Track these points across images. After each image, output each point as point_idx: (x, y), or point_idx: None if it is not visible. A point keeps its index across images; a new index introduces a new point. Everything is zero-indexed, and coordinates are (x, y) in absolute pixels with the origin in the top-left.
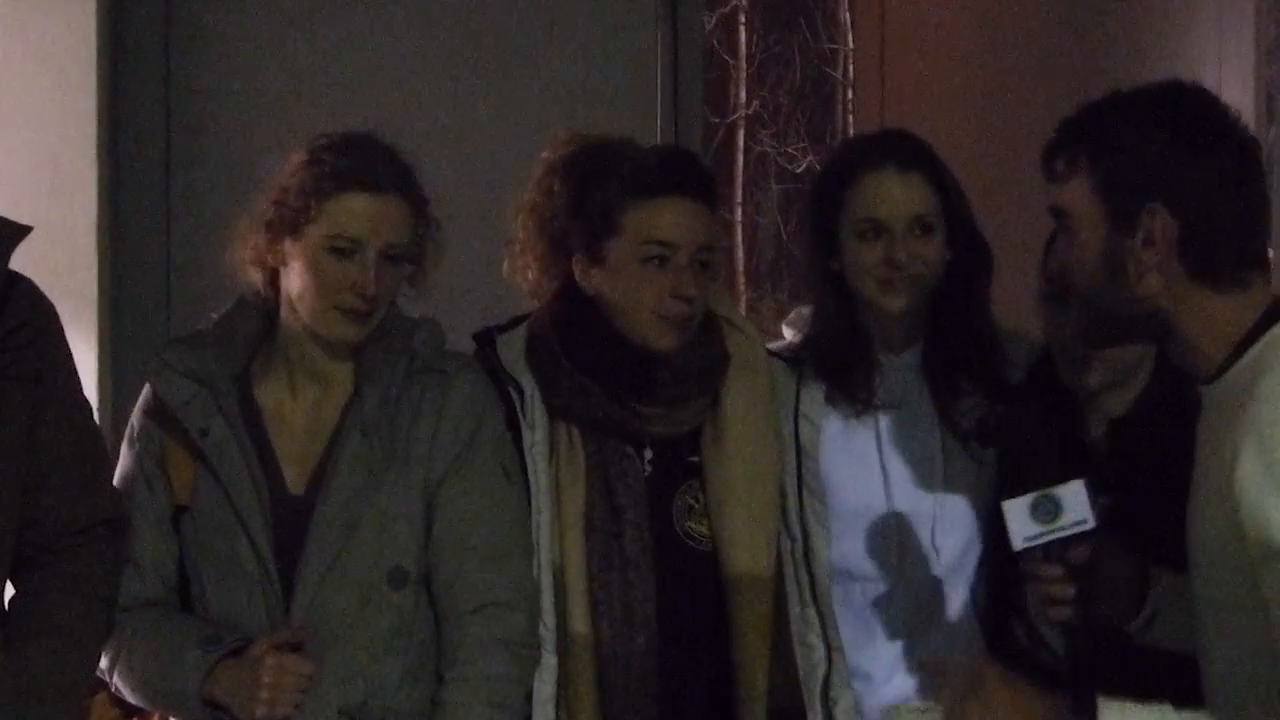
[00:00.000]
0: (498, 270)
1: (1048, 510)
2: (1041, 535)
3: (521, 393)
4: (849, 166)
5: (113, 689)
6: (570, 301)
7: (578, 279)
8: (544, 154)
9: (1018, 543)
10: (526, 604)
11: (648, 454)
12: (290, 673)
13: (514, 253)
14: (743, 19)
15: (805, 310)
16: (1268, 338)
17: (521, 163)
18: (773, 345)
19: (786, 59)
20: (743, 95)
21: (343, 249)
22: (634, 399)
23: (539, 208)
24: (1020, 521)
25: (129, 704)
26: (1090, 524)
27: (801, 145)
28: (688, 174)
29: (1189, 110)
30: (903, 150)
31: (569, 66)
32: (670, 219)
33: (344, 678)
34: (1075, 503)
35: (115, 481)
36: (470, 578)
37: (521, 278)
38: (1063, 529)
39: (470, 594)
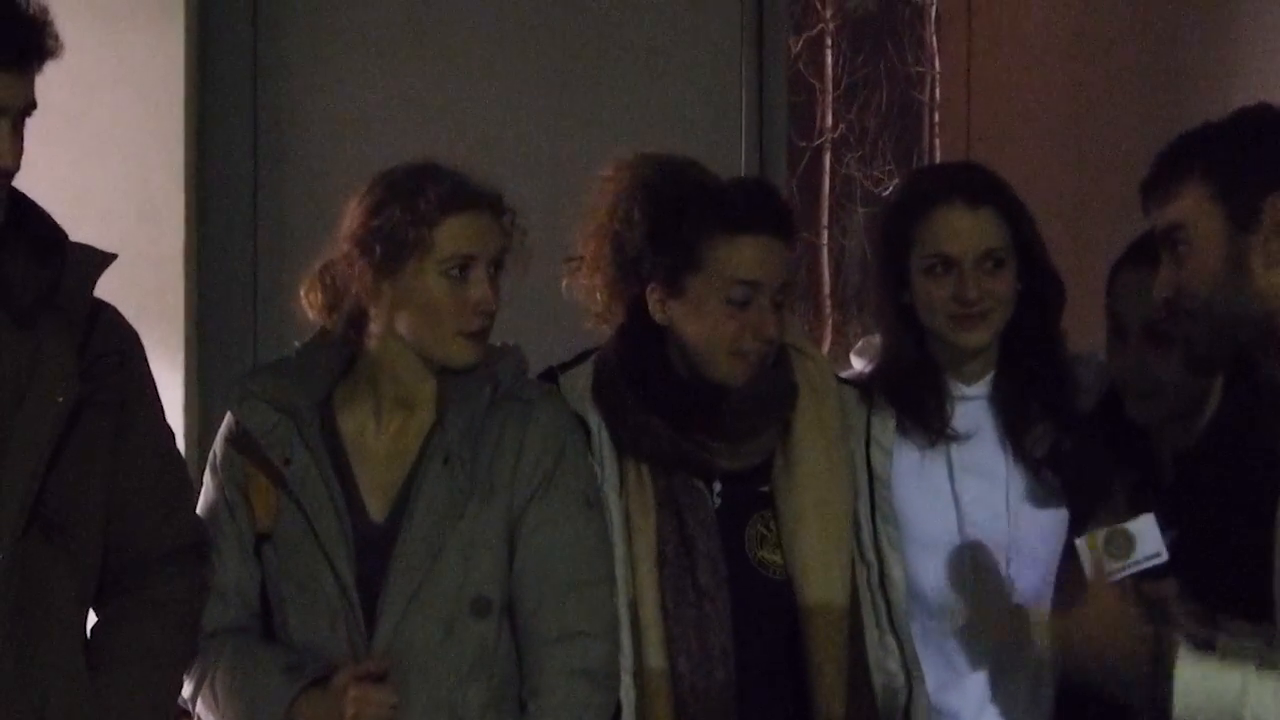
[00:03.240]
0: (578, 300)
1: (1120, 545)
2: (1115, 571)
3: (588, 429)
4: (918, 200)
5: (195, 717)
6: (638, 332)
7: (650, 308)
8: (610, 172)
9: (1090, 579)
10: (608, 633)
11: (716, 486)
12: (374, 703)
13: (576, 269)
14: (829, 42)
15: (875, 339)
16: None
17: None
18: (843, 374)
19: (873, 82)
20: (829, 118)
21: (459, 269)
22: (702, 434)
23: (615, 233)
24: (1093, 558)
25: None
26: (1164, 557)
27: (888, 168)
28: (772, 211)
29: None
30: (972, 184)
31: (654, 91)
32: (755, 257)
33: (427, 707)
34: (1148, 536)
35: (199, 509)
36: (552, 607)
37: (589, 299)
38: (1137, 563)
39: (552, 623)
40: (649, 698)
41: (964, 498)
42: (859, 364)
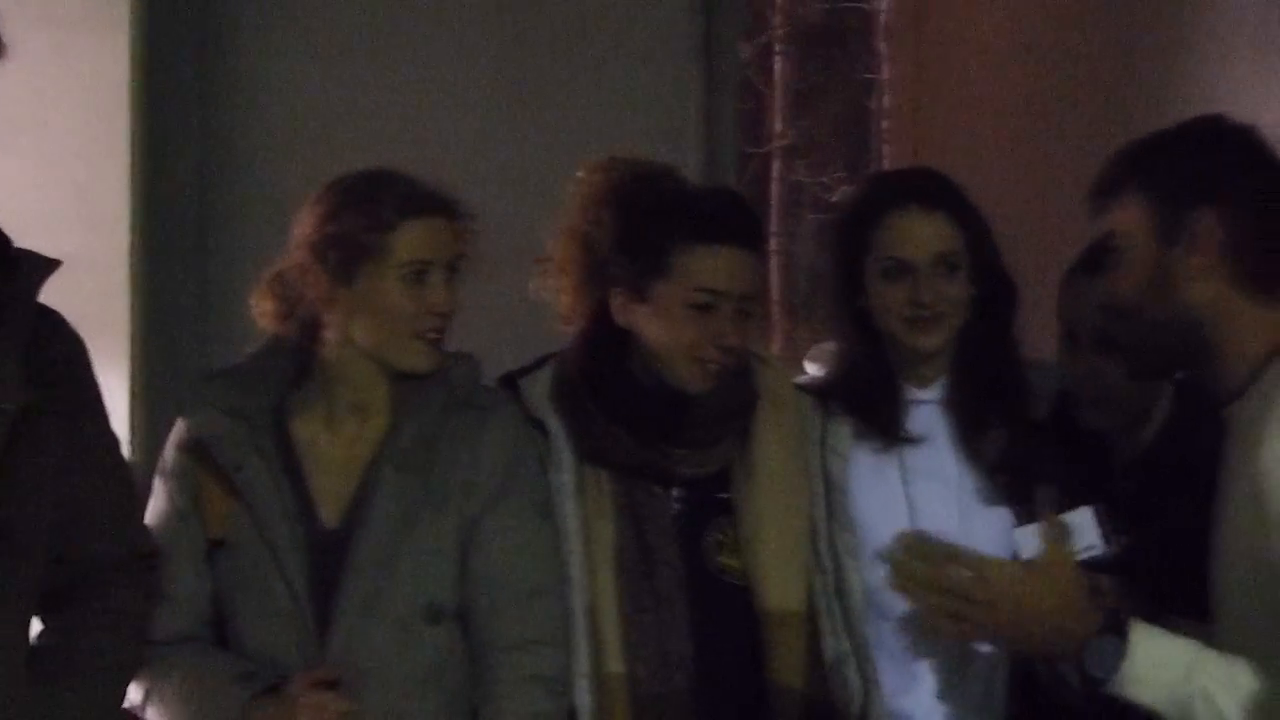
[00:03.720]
0: (534, 306)
1: (1058, 536)
2: None
3: (546, 434)
4: (874, 205)
5: None
6: (600, 336)
7: (614, 311)
8: (583, 174)
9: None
10: (560, 641)
11: (676, 493)
12: (327, 710)
13: (546, 271)
14: (779, 49)
15: (828, 346)
16: None
17: (558, 193)
18: (797, 380)
19: (822, 90)
20: (778, 126)
21: (416, 273)
22: (662, 442)
23: (584, 235)
24: (1031, 548)
25: None
26: (1099, 549)
27: (837, 176)
28: (742, 222)
29: (1231, 132)
30: (927, 188)
31: (604, 97)
32: (722, 266)
33: (380, 715)
34: (1084, 528)
35: (149, 516)
36: (506, 615)
37: (556, 300)
38: (1074, 554)
39: (506, 631)
40: (607, 703)
41: (917, 501)
42: (813, 370)
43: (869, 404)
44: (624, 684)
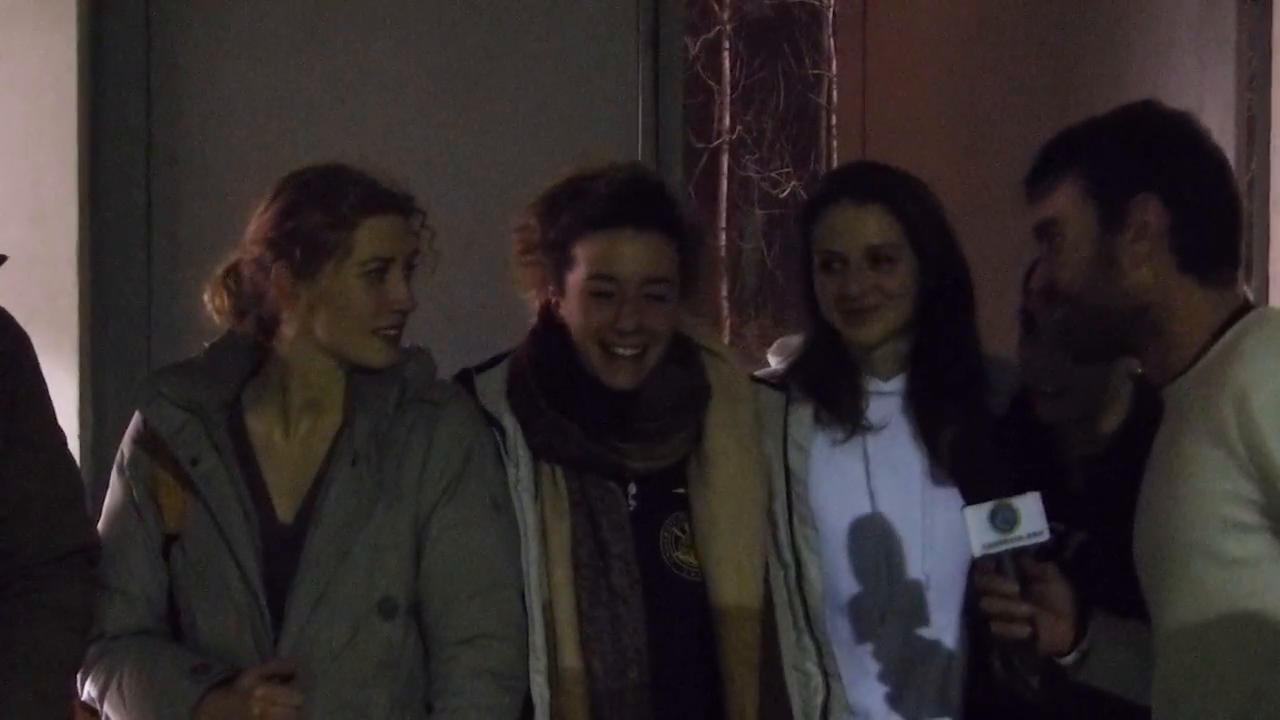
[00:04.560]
0: (483, 295)
1: (1006, 519)
2: (999, 544)
3: (503, 431)
4: (814, 201)
5: (103, 718)
6: (548, 334)
7: (555, 310)
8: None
9: (977, 549)
10: (515, 636)
11: (632, 489)
12: (280, 704)
13: (520, 289)
14: (727, 45)
15: (791, 340)
16: (1236, 326)
17: (504, 187)
18: (760, 372)
19: (770, 84)
20: (726, 120)
21: (377, 270)
22: (611, 436)
23: (517, 243)
24: (980, 528)
25: None
26: (1045, 536)
27: (785, 170)
28: (639, 204)
29: (1167, 117)
30: (859, 182)
31: (551, 92)
32: (615, 251)
33: (333, 708)
34: (1031, 514)
35: (105, 509)
36: (459, 609)
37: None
38: (1019, 539)
39: (459, 625)
40: (564, 698)
41: (878, 492)
42: (775, 362)
43: (830, 395)
44: (580, 679)
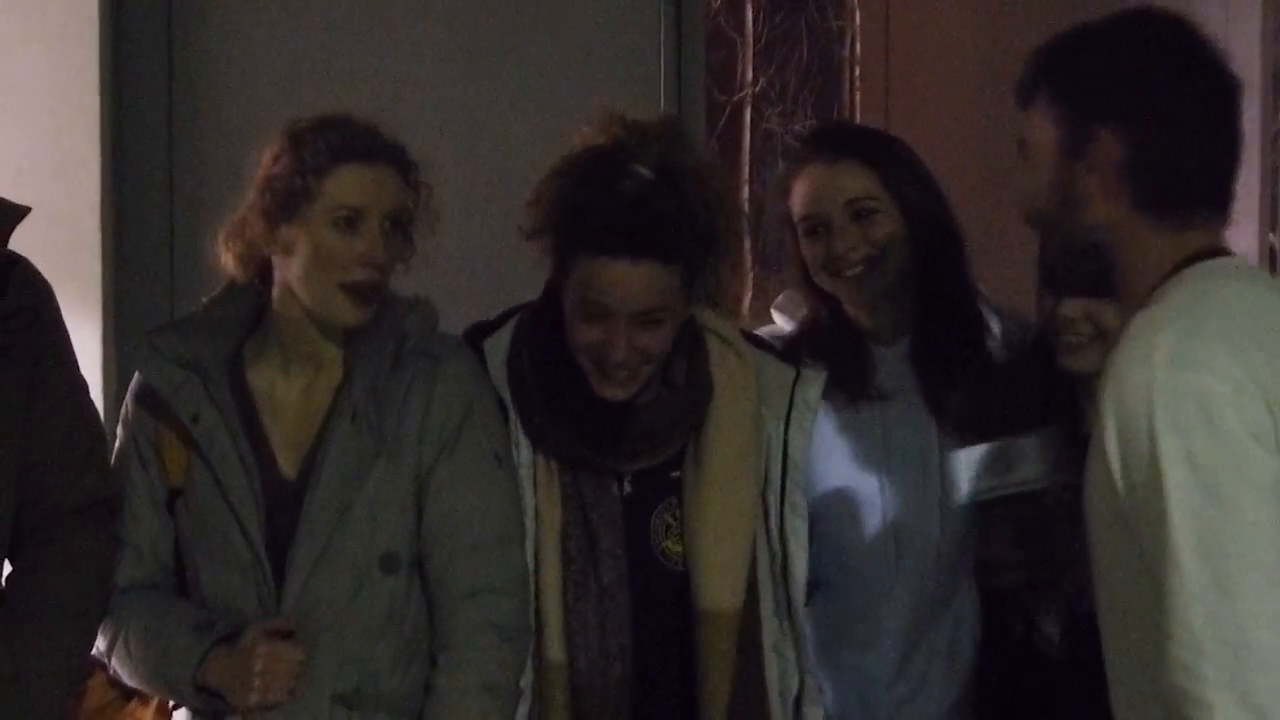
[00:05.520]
0: (501, 255)
1: (1002, 463)
2: (988, 490)
3: (505, 409)
4: (786, 172)
5: (111, 671)
6: (550, 313)
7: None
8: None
9: (961, 495)
10: (518, 589)
11: (627, 477)
12: (282, 660)
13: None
14: None
15: (797, 295)
16: (1175, 279)
17: (525, 144)
18: (764, 330)
19: (793, 37)
20: (749, 73)
21: (347, 220)
22: (607, 443)
23: (524, 218)
24: (970, 473)
25: (127, 686)
26: (1043, 483)
27: (808, 123)
28: (639, 235)
29: (1157, 37)
30: (828, 141)
31: (571, 46)
32: (608, 281)
33: (337, 664)
34: (1031, 457)
35: (112, 464)
36: (462, 563)
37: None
38: (1009, 486)
39: (462, 579)
40: (546, 689)
41: (890, 457)
42: (780, 319)
43: (838, 365)
44: (563, 673)
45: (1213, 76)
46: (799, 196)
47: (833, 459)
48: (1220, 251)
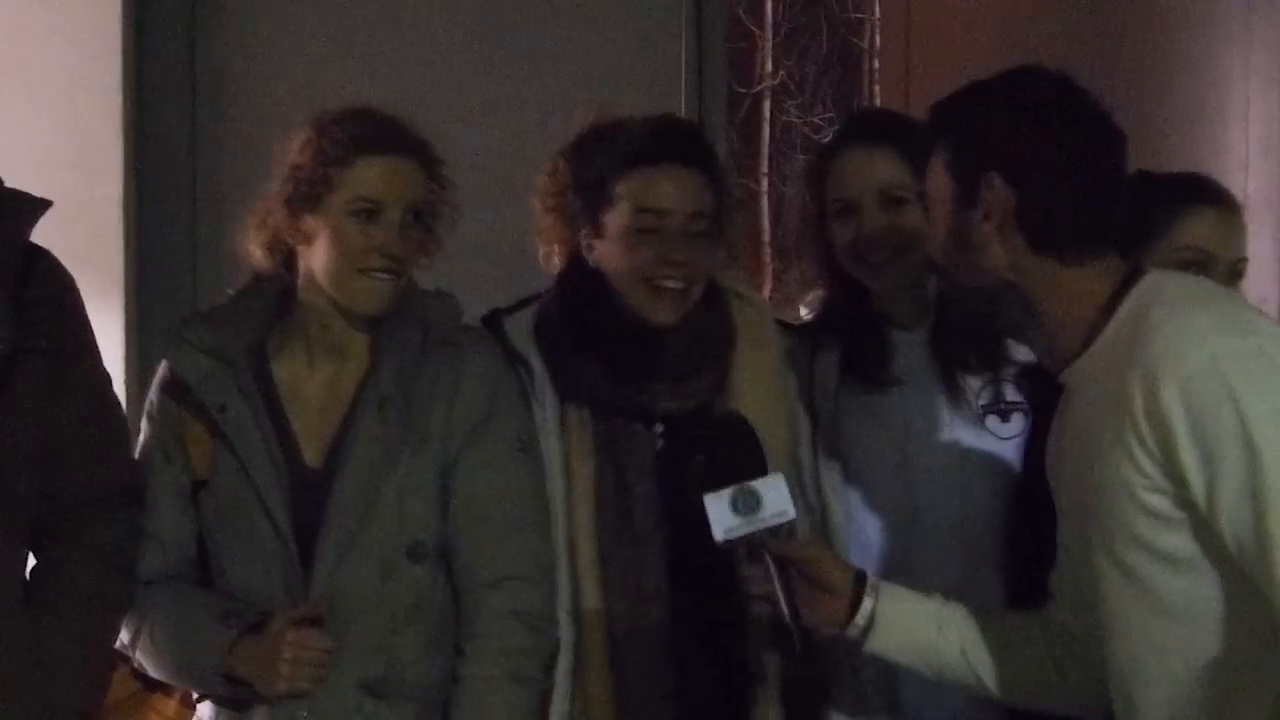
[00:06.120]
0: (522, 246)
1: (748, 503)
2: (742, 528)
3: (531, 371)
4: (824, 152)
5: (135, 663)
6: (576, 278)
7: (584, 253)
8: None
9: (719, 535)
10: (544, 578)
11: (659, 428)
12: (310, 648)
13: (541, 242)
14: None
15: (819, 282)
16: (1132, 296)
17: (545, 137)
18: (787, 320)
19: (813, 29)
20: (769, 65)
21: (366, 211)
22: (639, 377)
23: (546, 188)
24: (721, 515)
25: (150, 678)
26: (791, 515)
27: (827, 115)
28: (680, 141)
29: (1037, 90)
30: (865, 126)
31: (593, 38)
32: (661, 187)
33: (364, 652)
34: (775, 495)
35: (136, 455)
36: (488, 552)
37: (548, 265)
38: (763, 521)
39: (488, 568)
40: (585, 636)
41: (907, 441)
42: (806, 314)
43: (857, 349)
44: (601, 619)
45: (1090, 126)
46: (834, 178)
47: (851, 444)
48: (1143, 270)
